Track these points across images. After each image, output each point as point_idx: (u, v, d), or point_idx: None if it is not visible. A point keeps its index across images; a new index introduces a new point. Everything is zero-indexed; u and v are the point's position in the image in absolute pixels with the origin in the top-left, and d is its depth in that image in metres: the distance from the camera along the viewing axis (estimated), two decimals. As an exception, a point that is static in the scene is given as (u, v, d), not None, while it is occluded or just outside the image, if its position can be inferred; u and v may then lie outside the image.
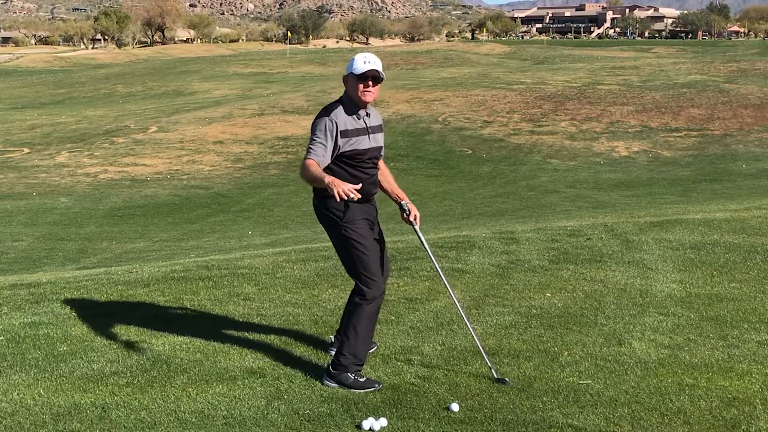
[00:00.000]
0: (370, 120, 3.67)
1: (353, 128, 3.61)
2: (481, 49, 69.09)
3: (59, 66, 70.93)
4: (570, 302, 4.88)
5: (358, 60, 3.59)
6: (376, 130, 3.71)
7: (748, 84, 28.77)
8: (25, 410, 3.38)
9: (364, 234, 3.63)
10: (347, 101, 3.64)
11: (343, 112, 3.61)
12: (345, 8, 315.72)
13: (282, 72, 48.97)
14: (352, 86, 3.61)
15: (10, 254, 10.89)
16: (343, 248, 3.66)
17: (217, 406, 3.40)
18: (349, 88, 3.63)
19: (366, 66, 3.55)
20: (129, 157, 21.36)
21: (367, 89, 3.58)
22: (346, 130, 3.59)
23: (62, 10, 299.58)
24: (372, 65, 3.56)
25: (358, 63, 3.57)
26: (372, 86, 3.58)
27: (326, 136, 3.57)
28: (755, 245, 6.37)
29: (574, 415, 3.27)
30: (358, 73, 3.55)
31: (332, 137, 3.57)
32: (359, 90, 3.58)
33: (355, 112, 3.63)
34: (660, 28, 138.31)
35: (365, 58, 3.58)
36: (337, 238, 3.68)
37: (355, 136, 3.61)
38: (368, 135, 3.66)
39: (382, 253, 3.76)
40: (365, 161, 3.66)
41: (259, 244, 10.24)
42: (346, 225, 3.62)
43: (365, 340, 3.67)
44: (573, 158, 20.88)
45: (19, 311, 4.92)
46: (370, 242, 3.65)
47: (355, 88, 3.59)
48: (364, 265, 3.61)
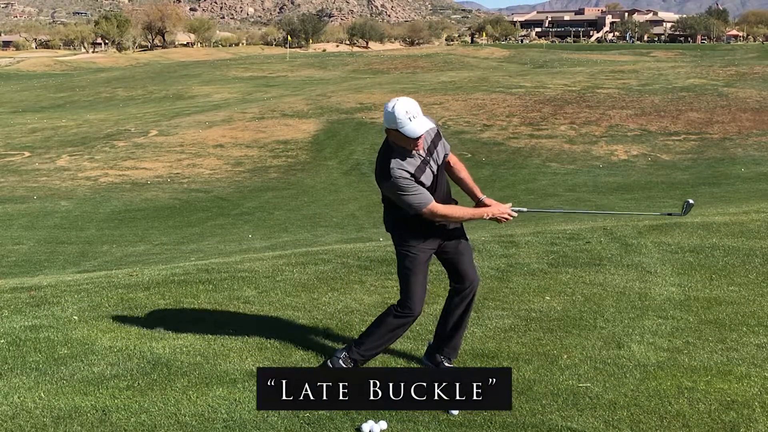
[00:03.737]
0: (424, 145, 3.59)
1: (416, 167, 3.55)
2: (481, 53, 69.17)
3: (60, 70, 71.02)
4: (569, 305, 4.89)
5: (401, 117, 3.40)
6: (431, 151, 3.62)
7: (746, 88, 28.81)
8: (26, 413, 3.39)
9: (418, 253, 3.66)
10: (397, 148, 3.55)
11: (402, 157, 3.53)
12: (345, 12, 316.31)
13: (282, 76, 49.02)
14: (400, 141, 3.50)
15: (10, 257, 10.90)
16: (398, 260, 3.73)
17: (217, 409, 3.41)
18: (396, 140, 3.52)
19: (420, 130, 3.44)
20: (129, 160, 21.38)
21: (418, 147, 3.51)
22: (414, 174, 3.53)
23: (63, 14, 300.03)
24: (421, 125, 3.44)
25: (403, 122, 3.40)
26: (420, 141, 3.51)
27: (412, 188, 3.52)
28: (754, 248, 6.38)
29: (573, 418, 3.28)
30: (411, 136, 3.44)
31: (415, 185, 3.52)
32: (410, 146, 3.50)
33: (407, 154, 3.55)
34: (659, 32, 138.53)
35: (408, 113, 3.41)
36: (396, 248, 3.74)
37: (420, 174, 3.55)
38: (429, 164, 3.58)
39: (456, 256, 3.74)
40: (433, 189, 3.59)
41: (259, 247, 10.25)
42: (405, 247, 3.68)
43: (376, 345, 3.75)
44: (572, 162, 20.90)
45: (20, 314, 4.93)
46: (420, 265, 3.67)
47: (406, 144, 3.50)
48: (407, 285, 3.69)
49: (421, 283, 3.70)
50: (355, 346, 3.78)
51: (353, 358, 3.75)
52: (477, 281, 3.82)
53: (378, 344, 3.76)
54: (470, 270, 3.80)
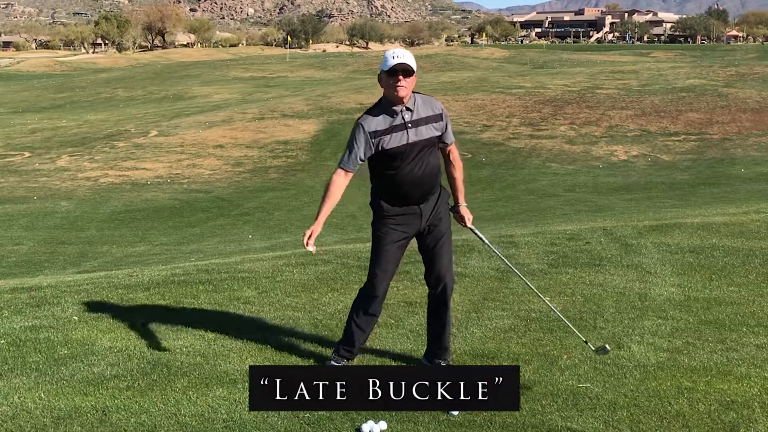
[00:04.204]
0: (411, 114, 3.62)
1: (386, 127, 3.59)
2: (481, 53, 69.19)
3: (60, 70, 71.02)
4: (569, 306, 4.89)
5: (387, 56, 3.58)
6: (419, 123, 3.63)
7: (746, 88, 28.81)
8: (26, 413, 3.39)
9: (387, 237, 3.70)
10: (384, 101, 3.64)
11: (376, 112, 3.62)
12: (345, 13, 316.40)
13: (282, 76, 49.04)
14: (384, 83, 3.59)
15: (10, 258, 10.91)
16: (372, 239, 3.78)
17: (217, 409, 3.41)
18: (383, 86, 3.61)
19: (395, 60, 3.53)
20: (129, 161, 21.39)
21: (399, 84, 3.54)
22: (375, 131, 3.59)
23: (63, 14, 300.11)
24: (401, 59, 3.53)
25: (387, 59, 3.56)
26: (403, 79, 3.55)
27: (353, 141, 3.62)
28: (754, 249, 6.39)
29: (573, 419, 3.29)
30: (387, 68, 3.54)
31: (361, 141, 3.59)
32: (390, 85, 3.56)
33: (389, 111, 3.61)
34: (659, 33, 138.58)
35: (394, 53, 3.57)
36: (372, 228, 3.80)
37: (386, 135, 3.59)
38: (406, 130, 3.60)
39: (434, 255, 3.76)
40: (404, 160, 3.61)
41: (259, 247, 10.25)
42: (378, 223, 3.73)
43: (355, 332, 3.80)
44: (572, 162, 20.90)
45: (20, 315, 4.93)
46: (388, 247, 3.70)
47: (388, 85, 3.57)
48: (372, 262, 3.75)
49: (386, 262, 3.71)
50: (340, 343, 3.86)
51: (342, 355, 3.81)
52: (451, 284, 3.82)
53: (356, 331, 3.79)
54: (446, 272, 3.79)
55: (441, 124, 3.72)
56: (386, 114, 3.61)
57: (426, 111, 3.67)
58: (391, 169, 3.62)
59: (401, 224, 3.70)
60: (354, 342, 3.82)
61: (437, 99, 3.82)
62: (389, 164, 3.62)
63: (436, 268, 3.78)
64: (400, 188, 3.64)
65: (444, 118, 3.74)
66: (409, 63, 3.54)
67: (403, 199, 3.67)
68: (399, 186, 3.64)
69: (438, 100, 3.78)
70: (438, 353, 3.86)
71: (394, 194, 3.67)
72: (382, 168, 3.65)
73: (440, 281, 3.79)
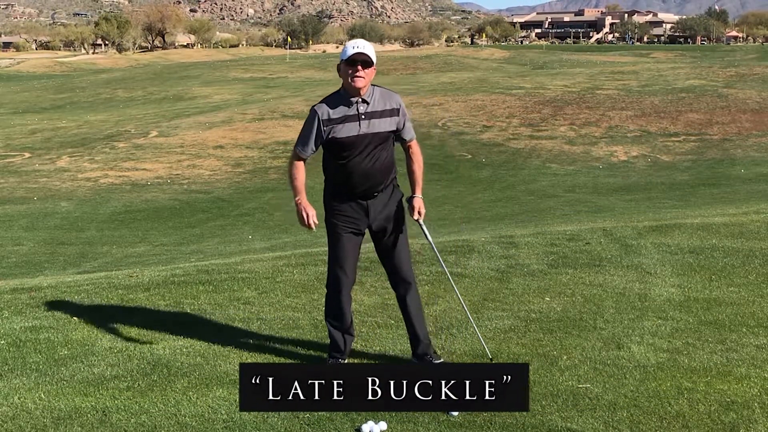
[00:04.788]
0: (367, 106, 3.61)
1: (339, 116, 3.59)
2: (481, 54, 69.20)
3: (60, 71, 71.03)
4: (569, 306, 4.90)
5: (347, 46, 3.59)
6: (374, 116, 3.61)
7: (746, 89, 28.82)
8: (26, 414, 3.40)
9: (336, 230, 3.74)
10: (342, 91, 3.64)
11: (332, 101, 3.63)
12: (345, 13, 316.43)
13: (282, 77, 49.05)
14: (343, 73, 3.58)
15: (11, 258, 10.91)
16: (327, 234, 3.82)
17: (217, 409, 3.41)
18: (341, 76, 3.60)
19: (354, 50, 3.52)
20: (129, 161, 21.39)
21: (356, 74, 3.52)
22: (329, 119, 3.60)
23: (63, 15, 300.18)
24: (359, 49, 3.52)
25: (347, 49, 3.56)
26: (362, 70, 3.53)
27: (307, 127, 3.65)
28: (754, 249, 6.39)
29: (572, 419, 3.29)
30: (345, 57, 3.54)
31: (313, 128, 3.62)
32: (348, 75, 3.54)
33: (345, 101, 3.60)
34: (659, 33, 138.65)
35: (354, 44, 3.56)
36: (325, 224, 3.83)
37: (339, 124, 3.58)
38: (359, 121, 3.59)
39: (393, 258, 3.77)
40: (354, 150, 3.60)
41: (259, 248, 10.25)
42: (328, 216, 3.77)
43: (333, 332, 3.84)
44: (572, 163, 20.91)
45: (20, 315, 4.93)
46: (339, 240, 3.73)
47: (346, 74, 3.56)
48: (329, 258, 3.81)
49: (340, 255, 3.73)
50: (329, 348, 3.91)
51: (333, 358, 3.86)
52: (412, 287, 3.82)
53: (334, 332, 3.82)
54: (408, 273, 3.80)
55: (397, 119, 3.69)
56: (341, 104, 3.61)
57: (382, 105, 3.65)
58: (341, 159, 3.64)
59: (349, 218, 3.71)
60: (338, 343, 3.83)
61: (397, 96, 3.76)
62: (339, 154, 3.63)
63: (397, 271, 3.80)
64: (349, 179, 3.64)
65: (401, 113, 3.71)
66: (369, 54, 3.53)
67: (350, 192, 3.67)
68: (347, 177, 3.64)
69: (398, 95, 3.75)
70: (422, 348, 3.86)
71: (342, 185, 3.68)
72: (332, 157, 3.67)
73: (404, 282, 3.81)
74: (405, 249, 3.82)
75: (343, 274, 3.76)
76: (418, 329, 3.84)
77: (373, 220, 3.73)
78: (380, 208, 3.73)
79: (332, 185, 3.73)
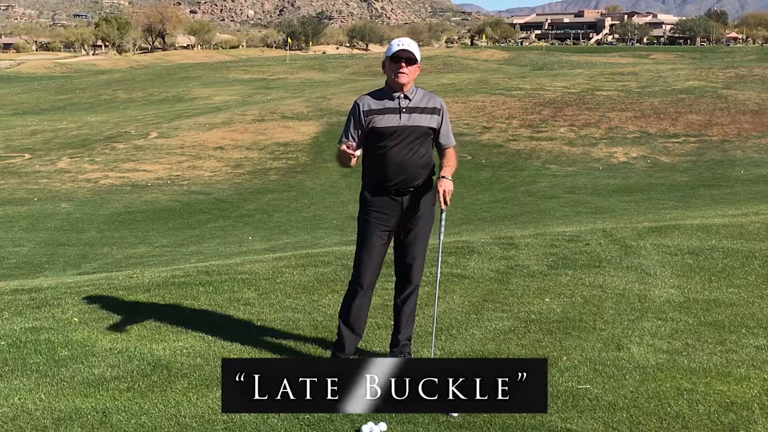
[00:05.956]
0: (409, 102, 3.68)
1: (380, 107, 3.66)
2: (480, 55, 69.23)
3: (60, 72, 71.02)
4: (569, 307, 4.90)
5: (392, 43, 3.69)
6: (415, 111, 3.67)
7: (746, 90, 28.83)
8: (26, 415, 3.40)
9: (367, 227, 3.74)
10: (386, 87, 3.73)
11: (376, 94, 3.73)
12: (345, 15, 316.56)
13: (282, 78, 49.07)
14: (387, 69, 3.68)
15: (11, 259, 10.91)
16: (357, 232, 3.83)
17: (217, 410, 3.41)
18: (385, 72, 3.70)
19: (398, 47, 3.63)
20: (130, 162, 21.40)
21: (400, 70, 3.61)
22: (370, 110, 3.67)
23: (63, 16, 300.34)
24: (404, 46, 3.63)
25: (392, 46, 3.66)
26: (405, 67, 3.62)
27: (350, 117, 3.72)
28: (753, 251, 6.39)
29: (572, 420, 3.29)
30: (390, 54, 3.64)
31: (354, 117, 3.69)
32: (392, 71, 3.64)
33: (388, 95, 3.69)
34: (658, 35, 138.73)
35: (399, 42, 3.67)
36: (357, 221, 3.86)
37: (378, 114, 3.66)
38: (399, 114, 3.65)
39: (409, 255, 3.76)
40: (391, 140, 3.64)
41: (259, 249, 10.26)
42: (362, 212, 3.79)
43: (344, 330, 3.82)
44: (572, 164, 20.91)
45: (20, 316, 4.93)
46: (369, 237, 3.73)
47: (390, 71, 3.66)
48: (356, 254, 3.80)
49: (368, 253, 3.73)
50: (333, 346, 3.90)
51: (333, 352, 3.87)
52: (415, 291, 3.86)
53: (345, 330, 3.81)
54: (417, 274, 3.82)
55: (437, 118, 3.74)
56: (384, 97, 3.70)
57: (424, 103, 3.73)
58: (379, 149, 3.67)
59: (382, 213, 3.71)
60: (344, 343, 3.83)
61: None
62: (377, 143, 3.67)
63: (408, 274, 3.81)
64: (384, 170, 3.66)
65: (441, 113, 3.76)
66: (413, 51, 3.63)
67: (385, 184, 3.68)
68: (383, 167, 3.66)
69: (441, 99, 3.84)
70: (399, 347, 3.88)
71: (378, 176, 3.70)
72: (370, 148, 3.71)
73: (410, 286, 3.83)
74: (422, 255, 3.84)
75: (368, 272, 3.77)
76: (404, 331, 3.89)
77: (405, 217, 3.73)
78: (414, 205, 3.73)
79: (368, 178, 3.76)
